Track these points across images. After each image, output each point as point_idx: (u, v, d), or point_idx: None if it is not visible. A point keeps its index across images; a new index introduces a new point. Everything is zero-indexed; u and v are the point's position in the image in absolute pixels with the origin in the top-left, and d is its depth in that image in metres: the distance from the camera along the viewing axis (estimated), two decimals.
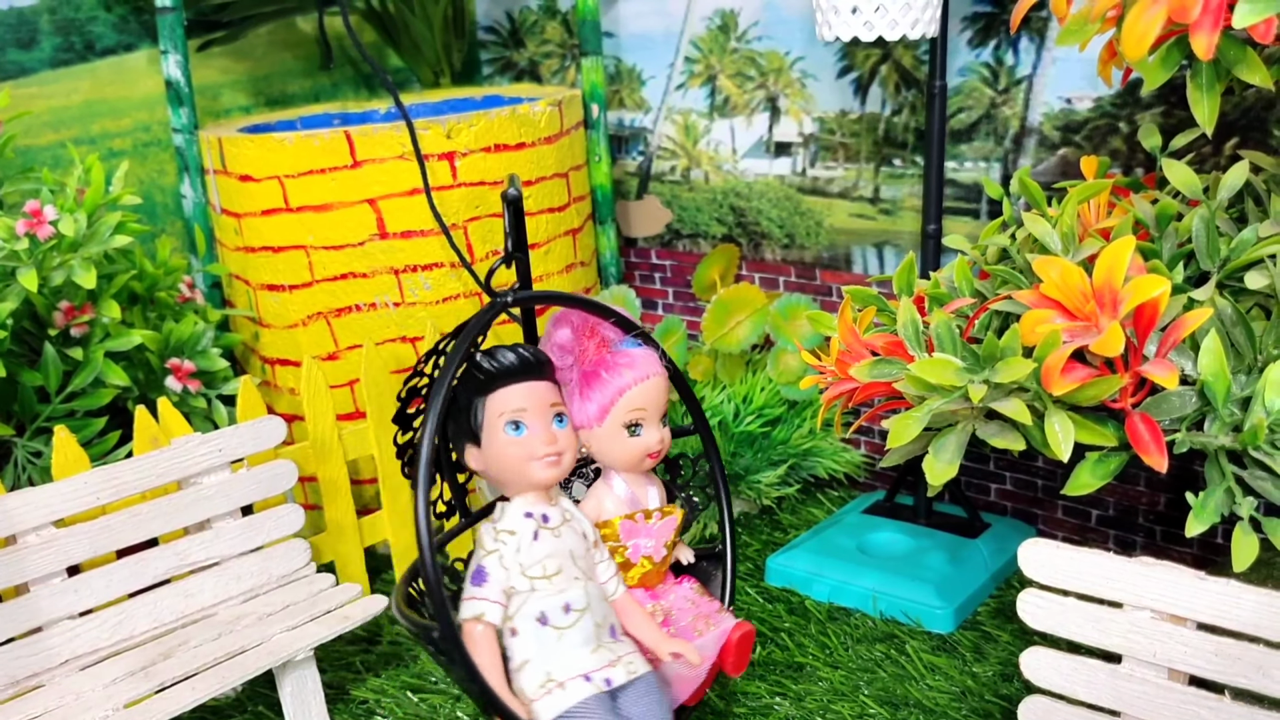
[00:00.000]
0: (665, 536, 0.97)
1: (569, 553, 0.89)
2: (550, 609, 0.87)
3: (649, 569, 0.97)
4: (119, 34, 1.42)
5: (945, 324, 0.81)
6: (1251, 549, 0.72)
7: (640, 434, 0.94)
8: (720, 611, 0.97)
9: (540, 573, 0.87)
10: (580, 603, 0.88)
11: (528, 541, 0.88)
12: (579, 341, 0.95)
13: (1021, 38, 1.23)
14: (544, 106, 1.36)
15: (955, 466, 0.81)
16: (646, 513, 0.96)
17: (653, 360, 0.95)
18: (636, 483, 0.97)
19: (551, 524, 0.89)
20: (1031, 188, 0.93)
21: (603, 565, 0.93)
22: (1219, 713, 0.76)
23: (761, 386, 1.42)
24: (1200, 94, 0.74)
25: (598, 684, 0.86)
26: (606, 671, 0.87)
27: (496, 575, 0.87)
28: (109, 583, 1.01)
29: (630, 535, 0.96)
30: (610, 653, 0.89)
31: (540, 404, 0.90)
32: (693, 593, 0.99)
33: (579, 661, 0.87)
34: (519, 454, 0.88)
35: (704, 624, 0.95)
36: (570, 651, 0.87)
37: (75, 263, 1.08)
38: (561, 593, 0.88)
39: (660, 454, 0.96)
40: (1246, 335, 0.78)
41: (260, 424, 1.10)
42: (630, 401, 0.93)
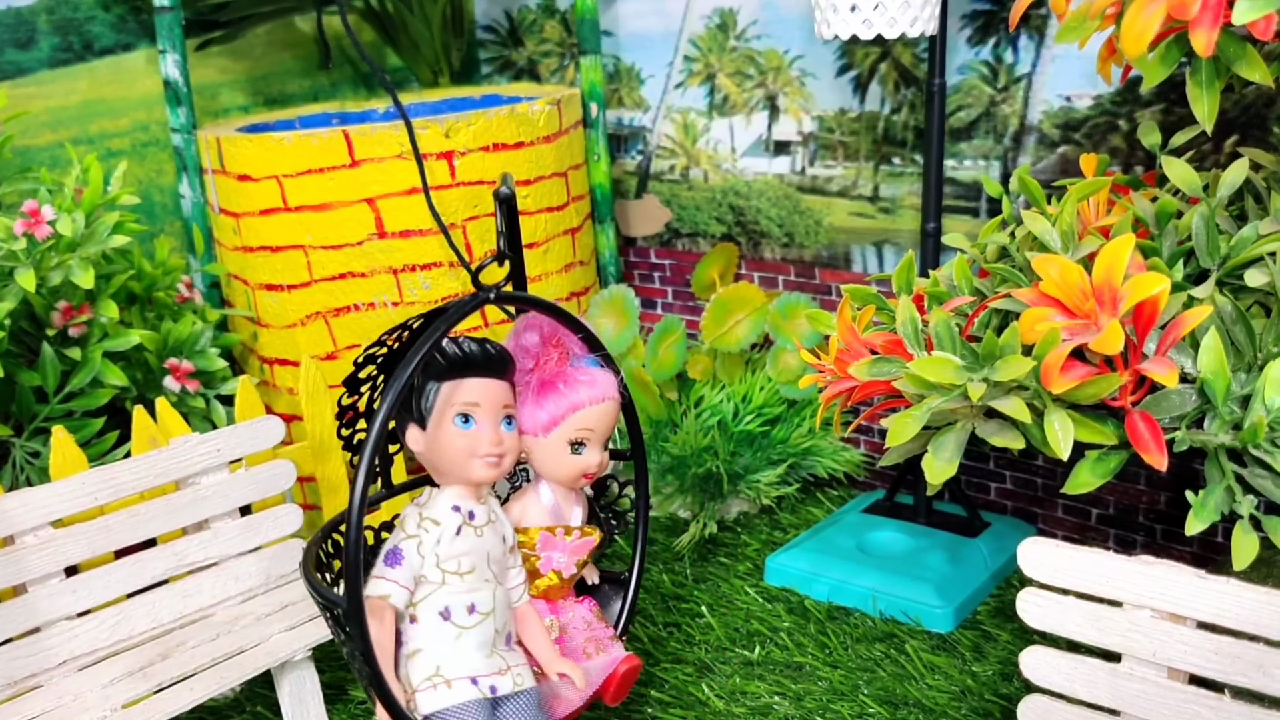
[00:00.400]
0: (579, 555, 0.97)
1: (486, 554, 0.89)
2: (455, 606, 0.87)
3: (555, 583, 0.96)
4: (117, 34, 1.42)
5: (944, 322, 0.81)
6: (1251, 547, 0.72)
7: (582, 453, 0.94)
8: (612, 639, 0.97)
9: (454, 568, 0.87)
10: (486, 606, 0.88)
11: (449, 535, 0.88)
12: (544, 349, 0.95)
13: (1021, 35, 1.23)
14: (543, 105, 1.36)
15: (955, 465, 0.81)
16: (567, 529, 0.96)
17: (611, 384, 0.95)
18: (565, 497, 0.97)
19: (476, 522, 0.89)
20: (1031, 186, 0.92)
21: (514, 571, 0.93)
22: (1219, 711, 0.76)
23: (761, 385, 1.42)
24: (1200, 91, 0.74)
25: (483, 689, 0.86)
26: (494, 679, 0.87)
27: (411, 561, 0.87)
28: (107, 583, 1.00)
29: (546, 547, 0.95)
30: (502, 661, 0.88)
31: (494, 403, 0.89)
32: (590, 615, 0.98)
33: (470, 663, 0.87)
34: (462, 448, 0.88)
35: (594, 648, 0.95)
36: (465, 652, 0.87)
37: (73, 263, 1.08)
38: (470, 592, 0.87)
39: (595, 475, 0.96)
40: (1246, 333, 0.77)
41: (259, 424, 1.09)
42: (581, 420, 0.93)
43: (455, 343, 0.89)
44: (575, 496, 0.98)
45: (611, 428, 0.96)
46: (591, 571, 1.03)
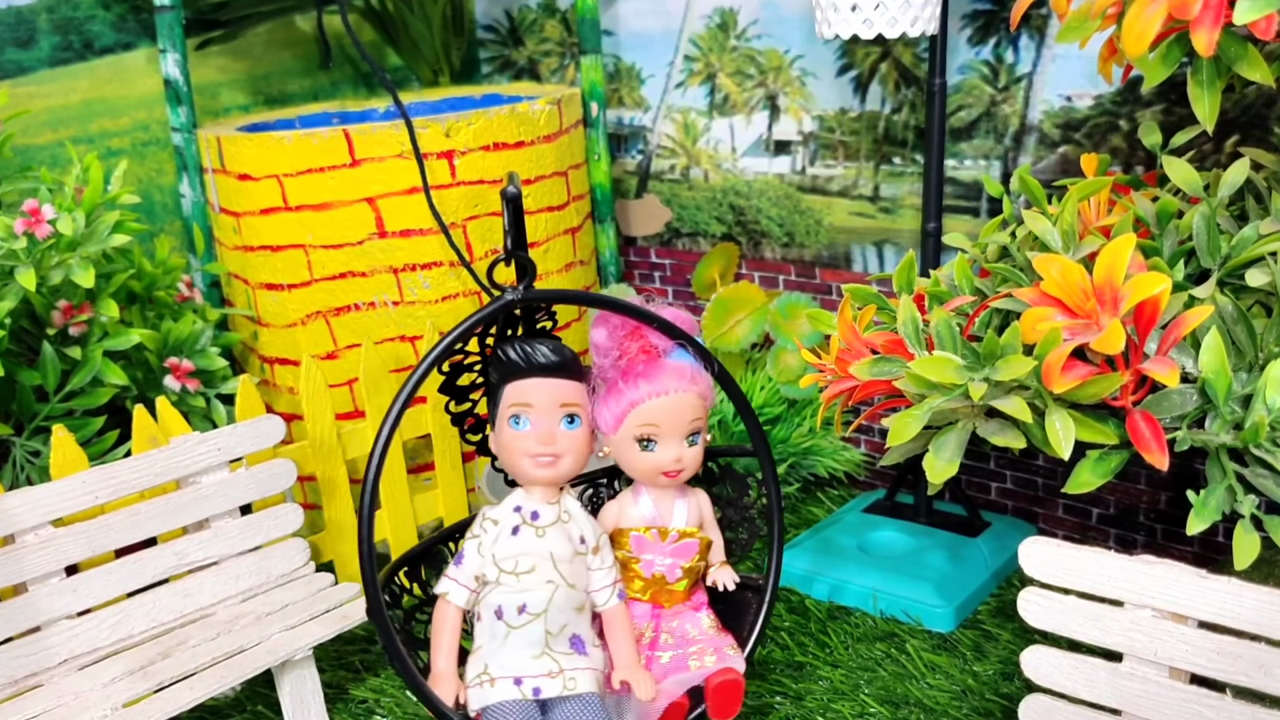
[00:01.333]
0: (684, 558, 0.95)
1: (549, 554, 0.89)
2: (507, 605, 0.88)
3: (659, 588, 0.95)
4: (117, 33, 1.42)
5: (945, 322, 0.81)
6: (1253, 547, 0.72)
7: (653, 450, 0.92)
8: (729, 649, 0.95)
9: (510, 568, 0.88)
10: (537, 607, 0.88)
11: (505, 534, 0.89)
12: (618, 342, 0.93)
13: (1021, 35, 1.23)
14: (543, 105, 1.36)
15: (956, 465, 0.81)
16: (663, 531, 0.94)
17: (683, 375, 0.92)
18: (662, 497, 0.96)
19: (539, 522, 0.89)
20: (1032, 185, 0.92)
21: (599, 573, 0.92)
22: (1220, 711, 0.76)
23: (761, 385, 1.42)
24: (1201, 91, 0.74)
25: (525, 691, 0.87)
26: (540, 681, 0.87)
27: (472, 560, 0.89)
28: (107, 582, 1.00)
29: (641, 549, 0.95)
30: (554, 663, 0.88)
31: (549, 402, 0.89)
32: (706, 621, 0.97)
33: (516, 664, 0.88)
34: (515, 448, 0.89)
35: (701, 658, 0.93)
36: (512, 651, 0.88)
37: (73, 262, 1.08)
38: (524, 592, 0.88)
39: (679, 473, 0.94)
40: (1247, 333, 0.77)
41: (259, 423, 1.09)
42: (641, 416, 0.91)
43: (514, 344, 0.90)
44: (679, 494, 0.96)
45: (688, 420, 0.93)
46: (727, 574, 0.98)
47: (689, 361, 0.93)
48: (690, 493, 0.98)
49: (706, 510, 0.99)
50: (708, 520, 0.99)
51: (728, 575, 0.98)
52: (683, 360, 0.93)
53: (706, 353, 0.95)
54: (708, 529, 0.99)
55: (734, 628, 0.99)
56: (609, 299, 0.93)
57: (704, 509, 0.99)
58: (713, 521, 1.00)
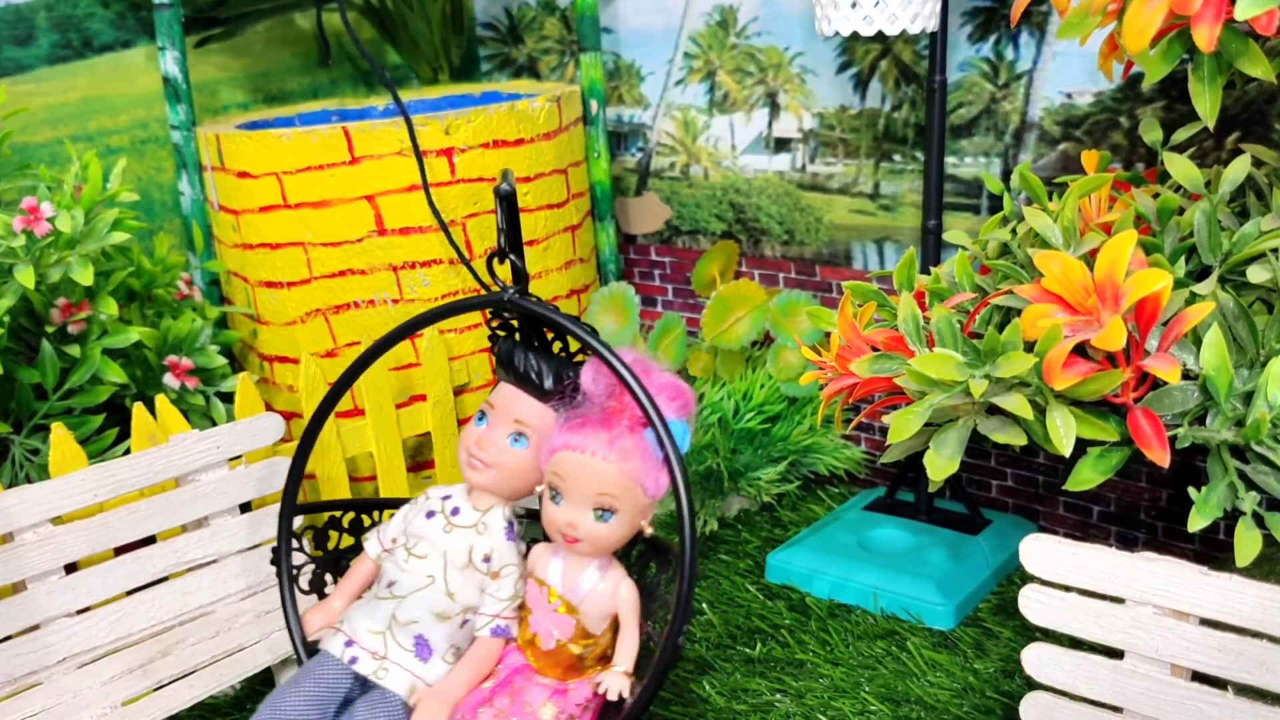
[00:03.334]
0: (561, 632, 0.88)
1: (444, 552, 0.89)
2: (385, 573, 0.91)
3: (533, 648, 0.89)
4: (116, 31, 1.42)
5: (946, 319, 0.80)
6: (1254, 544, 0.72)
7: (558, 503, 0.86)
8: None
9: (409, 545, 0.90)
10: (401, 590, 0.89)
11: (419, 513, 0.92)
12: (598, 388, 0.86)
13: (1022, 32, 1.23)
14: (543, 103, 1.35)
15: (956, 462, 0.81)
16: (551, 592, 0.88)
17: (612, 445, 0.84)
18: (575, 564, 0.88)
19: (456, 519, 0.90)
20: (1033, 182, 0.92)
21: (488, 600, 0.89)
22: (1222, 708, 0.76)
23: (761, 383, 1.42)
24: (1202, 87, 0.74)
25: (345, 655, 0.88)
26: (361, 653, 0.88)
27: (395, 524, 0.94)
28: (106, 580, 1.00)
29: (532, 602, 0.89)
30: (383, 646, 0.88)
31: (507, 411, 0.90)
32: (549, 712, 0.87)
33: (357, 628, 0.89)
34: (462, 439, 0.92)
35: None
36: (362, 616, 0.90)
37: (73, 260, 1.08)
38: (401, 571, 0.89)
39: (574, 541, 0.86)
40: (1249, 329, 0.77)
41: (258, 421, 1.09)
42: (555, 464, 0.85)
43: (510, 348, 0.91)
44: (599, 569, 0.88)
45: (596, 494, 0.84)
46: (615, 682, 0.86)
47: (644, 440, 0.85)
48: (613, 576, 0.89)
49: (626, 605, 0.88)
50: (625, 617, 0.89)
51: (617, 683, 0.86)
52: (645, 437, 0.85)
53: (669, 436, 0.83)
54: (623, 627, 0.89)
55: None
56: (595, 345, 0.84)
57: (623, 602, 0.88)
58: (632, 622, 0.89)
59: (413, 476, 1.32)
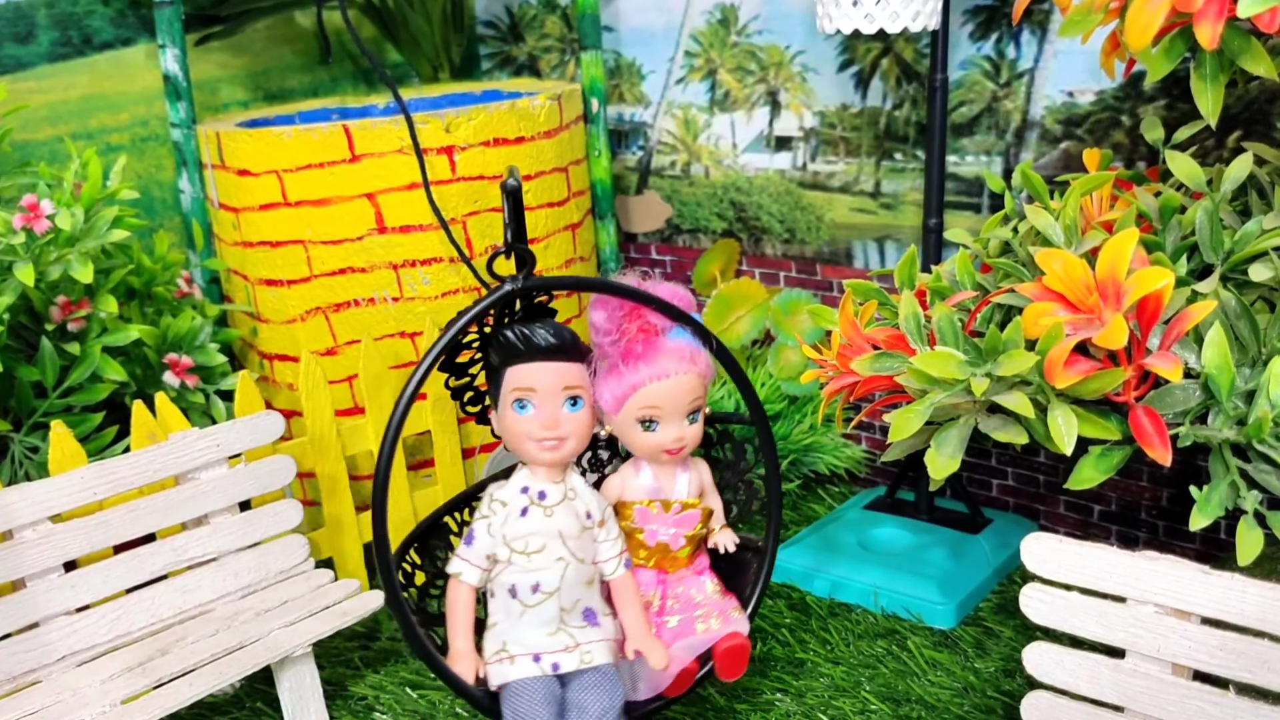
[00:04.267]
0: (687, 527, 0.97)
1: (558, 532, 0.91)
2: (521, 584, 0.90)
3: (663, 555, 0.97)
4: (117, 28, 1.42)
5: (947, 317, 0.80)
6: (1256, 543, 0.72)
7: (655, 429, 0.94)
8: (734, 611, 0.97)
9: (521, 547, 0.90)
10: (551, 585, 0.90)
11: (515, 515, 0.91)
12: (617, 323, 0.94)
13: (1023, 30, 1.23)
14: (543, 101, 1.35)
15: (958, 460, 0.80)
16: (665, 503, 0.96)
17: (682, 357, 0.93)
18: (663, 472, 0.97)
19: (547, 502, 0.91)
20: (1034, 180, 0.92)
21: (605, 544, 0.94)
22: (1223, 708, 0.76)
23: (762, 382, 1.42)
24: (1204, 85, 0.73)
25: (544, 666, 0.89)
26: (558, 656, 0.90)
27: (482, 541, 0.91)
28: (106, 578, 1.00)
29: (644, 521, 0.96)
30: (569, 638, 0.90)
31: (552, 386, 0.90)
32: (710, 586, 0.99)
33: (534, 640, 0.90)
34: (519, 432, 0.91)
35: (707, 621, 0.95)
36: (528, 629, 0.90)
37: (72, 257, 1.08)
38: (536, 571, 0.90)
39: (680, 450, 0.95)
40: (1250, 328, 0.77)
41: (258, 419, 1.09)
42: (642, 399, 0.93)
43: (516, 329, 0.91)
44: (681, 467, 0.98)
45: (689, 400, 0.94)
46: (727, 537, 1.01)
47: (686, 340, 0.94)
48: (691, 464, 0.99)
49: (707, 478, 1.01)
50: (708, 488, 1.01)
51: (728, 538, 1.01)
52: (680, 340, 0.94)
53: (704, 330, 0.95)
54: (708, 496, 1.01)
55: (735, 588, 1.01)
56: (606, 282, 0.94)
57: (704, 477, 1.00)
58: (712, 488, 1.02)
59: (413, 475, 1.31)
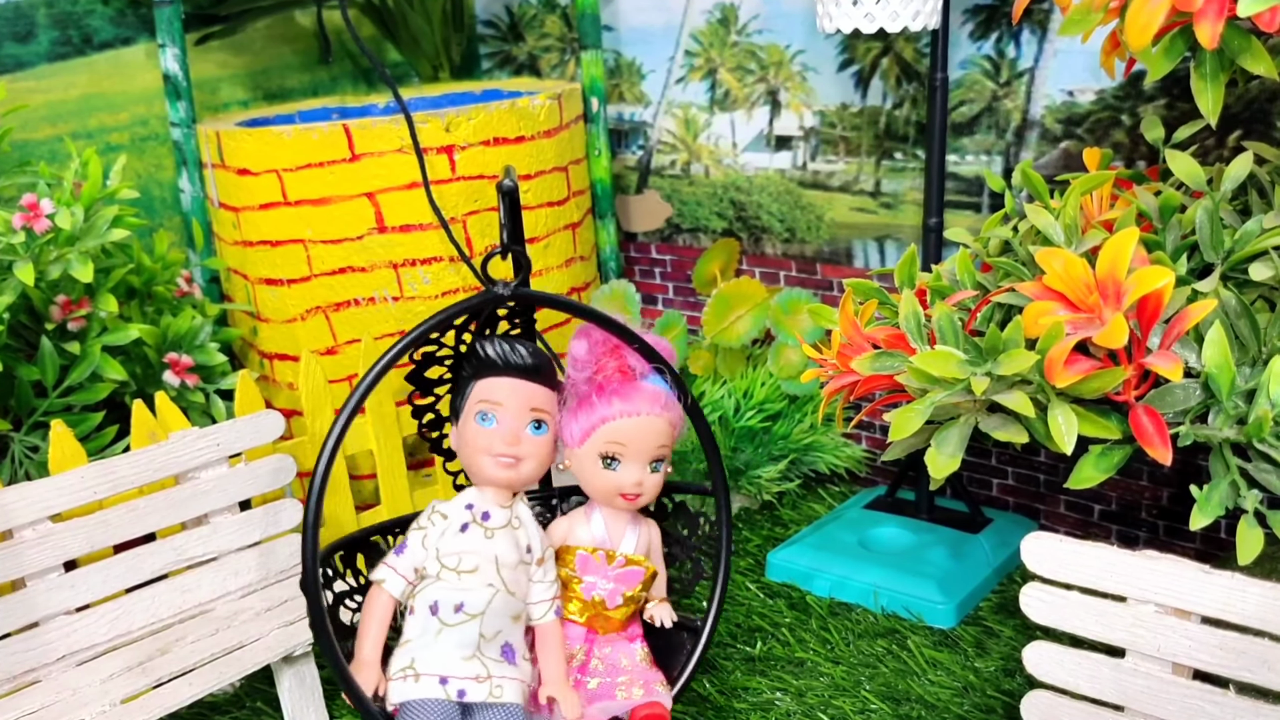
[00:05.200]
0: (627, 585, 0.94)
1: (494, 557, 0.88)
2: (444, 601, 0.87)
3: (597, 612, 0.94)
4: (116, 28, 1.42)
5: (947, 316, 0.80)
6: (1256, 542, 0.72)
7: (615, 469, 0.92)
8: (659, 685, 0.94)
9: (454, 564, 0.87)
10: (475, 608, 0.87)
11: (453, 530, 0.88)
12: (597, 358, 0.93)
13: (1023, 30, 1.23)
14: (543, 100, 1.35)
15: (958, 460, 0.80)
16: (609, 554, 0.94)
17: (656, 400, 0.92)
18: (615, 521, 0.95)
19: (490, 523, 0.89)
20: (1034, 179, 0.92)
21: (539, 586, 0.92)
22: (1224, 707, 0.76)
23: (762, 381, 1.42)
24: (1204, 84, 0.73)
25: (450, 691, 0.86)
26: (466, 683, 0.86)
27: (414, 552, 0.89)
28: (106, 578, 1.00)
29: (585, 570, 0.94)
30: (482, 668, 0.87)
31: (520, 404, 0.89)
32: (640, 654, 0.96)
33: (444, 662, 0.87)
34: (478, 445, 0.88)
35: (629, 690, 0.92)
36: (442, 649, 0.87)
37: (72, 256, 1.08)
38: (464, 591, 0.87)
39: (637, 498, 0.93)
40: (1251, 327, 0.77)
41: (258, 419, 1.09)
42: (610, 433, 0.91)
43: (492, 342, 0.89)
44: (632, 522, 0.95)
45: (657, 447, 0.92)
46: (665, 611, 0.97)
47: (664, 388, 0.93)
48: (643, 522, 0.97)
49: (656, 542, 0.98)
50: (655, 553, 0.99)
51: (665, 612, 0.97)
52: (658, 386, 0.93)
53: (682, 383, 0.95)
54: (654, 562, 0.98)
55: (664, 666, 0.98)
56: (595, 311, 0.92)
57: (654, 541, 0.98)
58: (660, 555, 0.99)
59: (412, 475, 1.31)
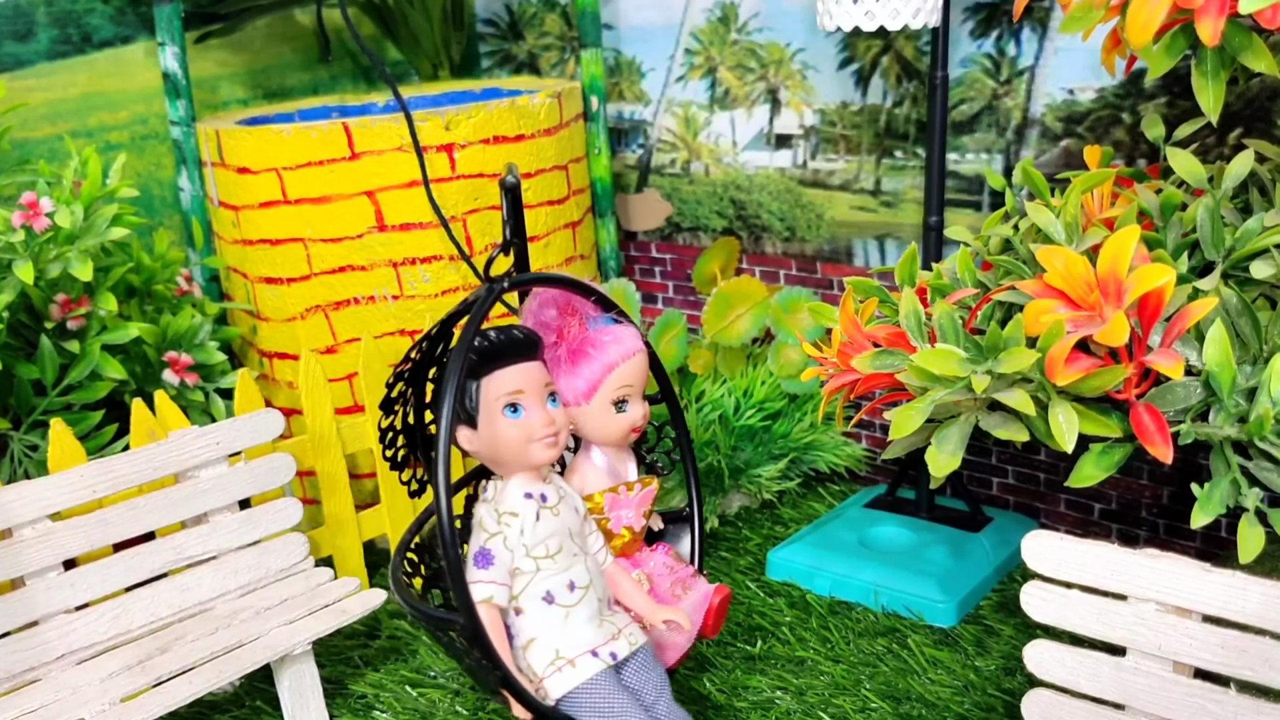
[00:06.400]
0: (644, 506, 0.99)
1: (568, 530, 0.90)
2: (556, 587, 0.88)
3: (629, 538, 0.98)
4: (116, 26, 1.42)
5: (948, 314, 0.80)
6: (1257, 541, 0.72)
7: (627, 410, 0.96)
8: (695, 575, 1.00)
9: (544, 552, 0.88)
10: (584, 580, 0.89)
11: (530, 523, 0.88)
12: (563, 320, 0.96)
13: (1024, 28, 1.23)
14: (543, 99, 1.35)
15: (958, 458, 0.80)
16: (629, 485, 0.97)
17: (635, 337, 0.96)
18: (616, 456, 0.99)
19: (550, 503, 0.90)
20: (1035, 177, 0.92)
21: (593, 537, 0.94)
22: (1225, 706, 0.76)
23: (762, 380, 1.42)
24: (1205, 82, 0.73)
25: (605, 659, 0.88)
26: (612, 645, 0.89)
27: (502, 558, 0.87)
28: (105, 577, 1.00)
29: (614, 507, 0.97)
30: (613, 626, 0.90)
31: (536, 385, 0.90)
32: (669, 559, 1.01)
33: (586, 638, 0.88)
34: (519, 436, 0.88)
35: (682, 589, 0.98)
36: (577, 628, 0.88)
37: (72, 255, 1.08)
38: (565, 571, 0.89)
39: (642, 428, 0.98)
40: (1252, 325, 0.77)
41: (258, 417, 1.09)
42: (618, 378, 0.95)
43: (494, 332, 0.90)
44: (626, 452, 1.00)
45: (645, 378, 0.97)
46: (654, 518, 1.03)
47: (628, 325, 0.97)
48: (628, 448, 1.01)
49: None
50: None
51: (655, 519, 1.04)
52: (623, 325, 0.97)
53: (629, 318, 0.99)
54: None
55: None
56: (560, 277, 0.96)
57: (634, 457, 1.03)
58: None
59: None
